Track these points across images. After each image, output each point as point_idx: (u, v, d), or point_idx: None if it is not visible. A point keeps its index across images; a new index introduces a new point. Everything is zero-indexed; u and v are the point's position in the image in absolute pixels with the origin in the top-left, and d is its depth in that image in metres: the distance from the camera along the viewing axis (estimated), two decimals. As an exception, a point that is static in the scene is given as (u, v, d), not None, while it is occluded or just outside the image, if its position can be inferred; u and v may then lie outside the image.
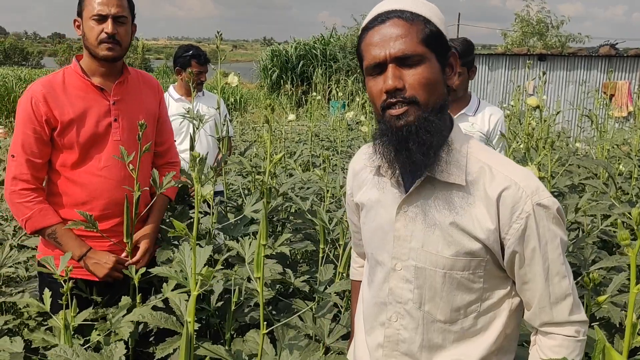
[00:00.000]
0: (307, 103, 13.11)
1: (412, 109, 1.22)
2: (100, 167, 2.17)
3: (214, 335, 2.22)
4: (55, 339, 1.83)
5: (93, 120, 2.15)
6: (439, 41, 1.26)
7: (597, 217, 2.78)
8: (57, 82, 2.16)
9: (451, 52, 1.29)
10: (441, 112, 1.27)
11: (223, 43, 2.97)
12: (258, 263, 1.58)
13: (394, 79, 1.22)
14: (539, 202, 1.22)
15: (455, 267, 1.27)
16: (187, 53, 3.96)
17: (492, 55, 14.20)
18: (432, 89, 1.24)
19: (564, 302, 1.26)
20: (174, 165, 2.49)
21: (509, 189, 1.23)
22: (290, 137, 6.92)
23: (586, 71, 13.06)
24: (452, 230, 1.26)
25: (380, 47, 1.23)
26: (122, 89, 2.24)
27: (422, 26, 1.24)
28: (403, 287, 1.34)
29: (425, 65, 1.23)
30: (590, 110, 4.93)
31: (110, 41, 2.13)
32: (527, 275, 1.26)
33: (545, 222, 1.23)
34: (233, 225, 2.45)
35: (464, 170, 1.27)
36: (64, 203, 2.17)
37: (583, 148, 5.04)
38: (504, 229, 1.24)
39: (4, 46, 48.97)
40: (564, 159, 3.57)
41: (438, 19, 1.27)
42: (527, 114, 3.71)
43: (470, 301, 1.30)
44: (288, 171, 4.11)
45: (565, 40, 21.36)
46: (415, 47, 1.22)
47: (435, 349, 1.34)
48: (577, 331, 1.27)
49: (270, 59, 23.08)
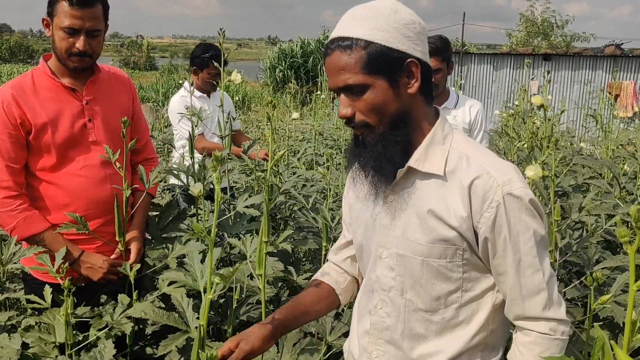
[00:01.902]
0: (312, 102, 13.10)
1: (367, 129, 1.30)
2: (79, 167, 2.11)
3: (215, 333, 2.22)
4: (52, 336, 1.82)
5: (67, 121, 2.09)
6: (385, 59, 1.25)
7: (601, 217, 2.76)
8: (27, 84, 2.08)
9: (408, 61, 1.27)
10: (397, 126, 1.30)
11: (228, 42, 2.97)
12: (260, 260, 1.58)
13: (343, 109, 1.29)
14: (509, 192, 1.23)
15: (432, 255, 1.29)
16: (206, 54, 3.83)
17: (496, 55, 14.16)
18: (381, 110, 1.28)
19: (537, 296, 1.26)
20: (152, 161, 2.43)
21: (481, 177, 1.25)
22: (294, 135, 6.92)
23: (591, 71, 13.00)
24: (428, 218, 1.29)
25: (330, 79, 1.30)
26: (94, 88, 2.17)
27: (361, 53, 1.25)
28: (387, 275, 1.37)
29: (370, 92, 1.27)
30: (595, 110, 4.91)
31: (82, 56, 2.04)
32: (500, 266, 1.27)
33: (517, 213, 1.24)
34: (232, 222, 2.45)
35: (443, 161, 1.30)
36: (45, 207, 2.11)
37: (588, 148, 5.02)
38: (475, 217, 1.26)
39: (10, 44, 49.07)
40: (568, 158, 3.56)
41: (387, 32, 1.25)
42: (531, 112, 3.70)
43: (449, 291, 1.31)
44: (292, 169, 4.10)
45: (570, 40, 21.29)
46: (356, 77, 1.25)
47: (417, 338, 1.35)
48: (552, 329, 1.26)
49: (277, 58, 23.10)
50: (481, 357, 1.35)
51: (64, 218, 2.02)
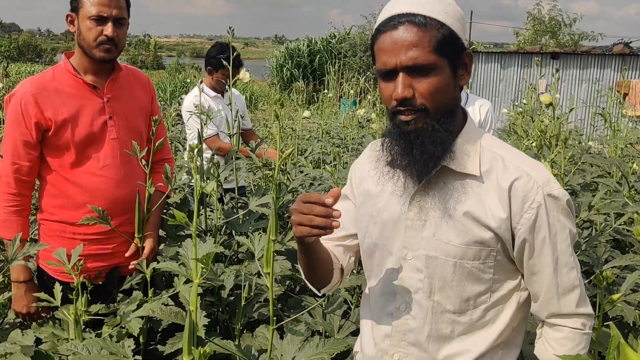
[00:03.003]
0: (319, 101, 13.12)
1: (421, 116, 1.23)
2: (99, 166, 2.13)
3: (224, 330, 2.23)
4: (65, 332, 1.84)
5: (87, 119, 2.11)
6: (453, 45, 1.23)
7: (610, 216, 2.75)
8: (48, 81, 2.11)
9: (466, 52, 1.27)
10: (451, 115, 1.27)
11: (235, 40, 2.97)
12: (268, 258, 1.58)
13: (403, 89, 1.21)
14: (549, 192, 1.24)
15: (466, 256, 1.27)
16: (222, 55, 3.80)
17: (504, 54, 14.12)
18: (443, 96, 1.24)
19: (572, 293, 1.27)
20: (168, 161, 2.45)
21: (521, 179, 1.25)
22: (302, 134, 6.92)
23: (599, 70, 12.94)
24: (464, 219, 1.27)
25: (391, 55, 1.22)
26: (114, 86, 2.20)
27: (434, 32, 1.21)
28: (413, 277, 1.34)
29: (437, 74, 1.22)
30: (603, 108, 4.88)
31: (110, 44, 2.08)
32: (536, 266, 1.27)
33: (556, 213, 1.25)
34: (242, 221, 2.45)
35: (477, 161, 1.28)
36: (64, 205, 2.14)
37: (596, 147, 5.00)
38: (515, 218, 1.25)
39: (18, 43, 49.32)
40: (577, 157, 3.54)
41: (453, 19, 1.24)
42: (539, 111, 3.69)
43: (480, 292, 1.30)
44: (299, 168, 4.10)
45: (578, 39, 21.19)
46: (427, 56, 1.20)
47: (443, 339, 1.33)
48: (583, 324, 1.28)
49: (284, 57, 23.12)
50: (502, 354, 1.35)
51: (83, 216, 2.04)
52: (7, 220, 2.09)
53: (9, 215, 2.09)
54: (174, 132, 6.76)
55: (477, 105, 3.25)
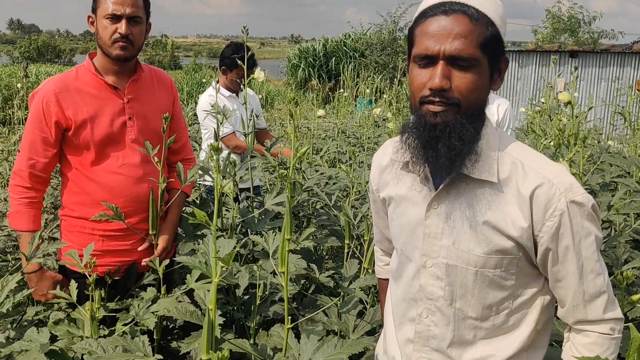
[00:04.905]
0: (334, 100, 13.11)
1: (452, 109, 1.19)
2: (118, 165, 2.18)
3: (239, 329, 2.23)
4: (80, 331, 1.85)
5: (107, 119, 2.15)
6: (497, 46, 1.21)
7: (630, 216, 2.71)
8: (70, 80, 2.15)
9: (504, 57, 1.25)
10: (479, 117, 1.24)
11: (251, 40, 2.98)
12: (282, 257, 1.58)
13: (441, 79, 1.17)
14: (573, 199, 1.20)
15: (487, 265, 1.25)
16: (237, 55, 3.82)
17: (522, 52, 13.98)
18: (477, 94, 1.21)
19: (598, 299, 1.24)
20: (189, 161, 2.48)
21: (542, 186, 1.21)
22: (317, 133, 6.92)
23: (619, 68, 12.77)
24: (484, 228, 1.24)
25: (436, 41, 1.18)
26: (135, 87, 2.24)
27: (484, 28, 1.18)
28: (434, 284, 1.32)
29: (477, 70, 1.19)
30: (623, 107, 4.81)
31: (124, 41, 2.11)
32: (560, 273, 1.24)
33: (579, 220, 1.20)
34: (258, 220, 2.46)
35: (495, 167, 1.25)
36: (84, 202, 2.18)
37: (616, 146, 4.93)
38: (537, 227, 1.21)
39: (37, 44, 49.91)
40: (596, 156, 3.50)
41: (501, 20, 1.22)
42: (558, 109, 3.65)
43: (502, 298, 1.28)
44: (314, 167, 4.10)
45: (597, 37, 20.91)
46: (473, 50, 1.17)
47: (465, 345, 1.32)
48: (612, 329, 1.25)
49: (298, 57, 23.13)
50: (527, 357, 1.33)
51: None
52: (19, 211, 2.15)
53: (21, 207, 2.15)
54: (191, 131, 6.80)
55: (495, 105, 3.23)
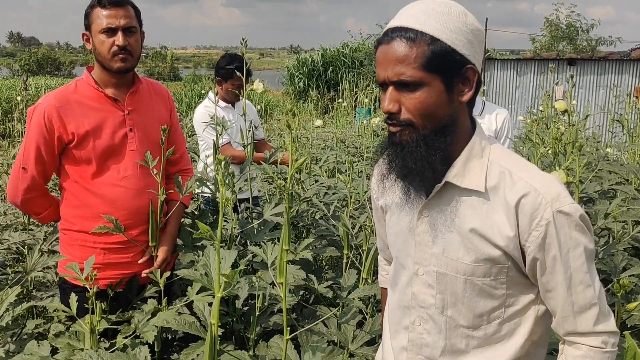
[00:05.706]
0: (334, 110, 13.15)
1: (407, 130, 1.23)
2: (119, 177, 2.18)
3: (239, 340, 2.23)
4: (81, 343, 1.85)
5: (109, 131, 2.16)
6: (446, 60, 1.20)
7: (628, 224, 2.72)
8: (70, 93, 2.17)
9: (467, 67, 1.23)
10: (443, 131, 1.24)
11: (250, 51, 3.01)
12: (281, 268, 1.58)
13: (389, 103, 1.22)
14: (559, 209, 1.19)
15: (476, 274, 1.26)
16: (231, 65, 3.82)
17: (520, 60, 14.00)
18: (430, 113, 1.21)
19: (589, 312, 1.22)
20: (188, 172, 2.50)
21: (528, 195, 1.20)
22: (316, 143, 6.93)
23: (617, 75, 12.79)
24: (471, 237, 1.25)
25: (382, 68, 1.23)
26: (134, 99, 2.25)
27: (423, 48, 1.18)
28: (425, 292, 1.34)
29: (426, 90, 1.20)
30: (621, 115, 4.83)
31: (123, 53, 2.13)
32: (549, 284, 1.23)
33: (567, 230, 1.20)
34: (256, 230, 2.46)
35: (484, 176, 1.25)
36: (85, 215, 2.18)
37: (614, 153, 4.94)
38: (523, 237, 1.22)
39: (37, 56, 50.10)
40: (594, 164, 3.51)
41: (454, 33, 1.20)
42: (554, 117, 3.66)
43: (493, 307, 1.28)
44: (313, 177, 4.11)
45: (595, 44, 20.98)
46: (413, 72, 1.19)
47: (458, 354, 1.32)
48: (603, 342, 1.23)
49: (296, 67, 23.20)
50: None
51: None
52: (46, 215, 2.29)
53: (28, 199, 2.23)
54: (190, 142, 6.81)
55: (493, 114, 3.25)
